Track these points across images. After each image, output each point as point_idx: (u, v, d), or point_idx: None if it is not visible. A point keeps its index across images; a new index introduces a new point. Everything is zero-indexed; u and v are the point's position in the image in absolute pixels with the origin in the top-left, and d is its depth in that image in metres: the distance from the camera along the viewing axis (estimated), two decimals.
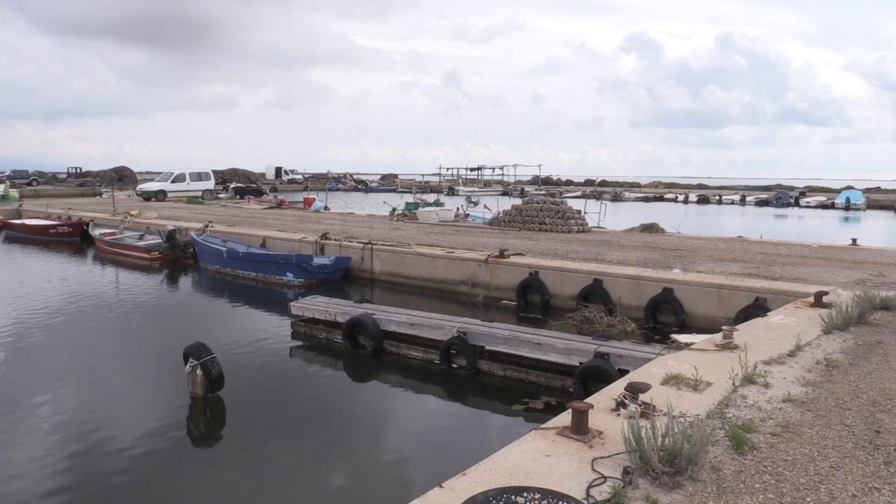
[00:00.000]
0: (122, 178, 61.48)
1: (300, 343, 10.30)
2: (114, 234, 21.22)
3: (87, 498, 5.60)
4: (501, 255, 13.40)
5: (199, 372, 7.38)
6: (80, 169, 69.62)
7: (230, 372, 7.79)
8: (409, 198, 31.07)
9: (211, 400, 7.51)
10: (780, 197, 56.15)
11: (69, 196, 42.74)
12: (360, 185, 73.12)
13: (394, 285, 14.69)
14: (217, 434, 7.19)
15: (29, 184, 55.60)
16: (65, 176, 67.35)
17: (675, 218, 27.73)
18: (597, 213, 22.51)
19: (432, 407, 8.00)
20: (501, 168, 78.35)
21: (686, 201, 58.53)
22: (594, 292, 11.64)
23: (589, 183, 76.75)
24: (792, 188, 65.63)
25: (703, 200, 58.42)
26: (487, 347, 8.61)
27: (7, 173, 64.25)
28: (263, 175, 70.18)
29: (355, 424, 7.35)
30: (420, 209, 24.64)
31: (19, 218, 27.29)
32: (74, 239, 23.28)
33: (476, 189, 62.56)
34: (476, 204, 33.68)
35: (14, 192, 37.54)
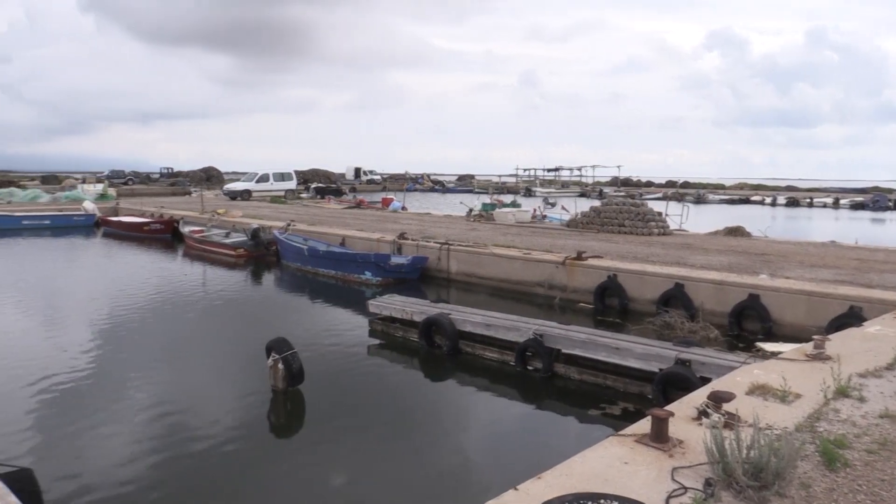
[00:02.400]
0: (210, 178, 64.10)
1: (377, 341, 10.46)
2: (202, 231, 22.12)
3: (169, 478, 5.86)
4: (579, 257, 13.21)
5: (280, 366, 7.61)
6: (172, 169, 72.97)
7: (310, 367, 7.99)
8: (486, 198, 31.03)
9: (291, 393, 7.73)
10: (878, 200, 52.91)
11: (161, 195, 44.85)
12: (438, 186, 73.63)
13: (470, 286, 14.72)
14: (296, 426, 7.40)
15: (125, 183, 58.65)
16: (157, 176, 70.70)
17: (762, 221, 26.61)
18: (679, 216, 21.83)
19: (507, 409, 7.97)
20: (579, 169, 77.11)
21: (774, 204, 56.05)
22: (675, 297, 11.31)
23: (670, 184, 74.63)
24: (890, 191, 61.94)
25: (792, 203, 55.74)
26: (564, 350, 8.50)
27: (106, 173, 67.99)
28: (343, 175, 71.61)
29: (430, 423, 7.42)
30: (497, 210, 24.59)
31: (116, 215, 28.86)
32: (166, 236, 24.41)
33: (553, 190, 61.84)
34: (553, 205, 33.30)
35: (112, 191, 39.66)
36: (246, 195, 37.71)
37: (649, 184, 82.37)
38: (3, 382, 8.16)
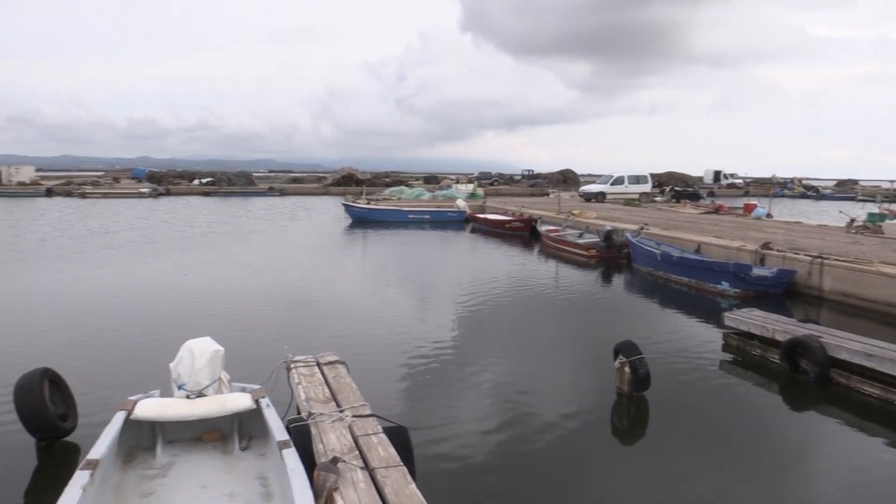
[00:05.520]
0: (566, 179, 66.62)
1: (731, 357, 9.75)
2: (557, 230, 23.10)
3: (511, 458, 6.18)
4: None
5: (626, 369, 7.56)
6: (532, 171, 77.69)
7: (656, 374, 7.80)
8: (873, 207, 26.75)
9: (636, 398, 7.63)
10: None
11: (521, 195, 48.03)
12: (810, 192, 65.72)
13: (847, 307, 12.85)
14: (638, 432, 7.27)
15: (491, 184, 64.22)
16: (519, 177, 75.88)
17: None
18: None
19: (883, 455, 6.75)
20: None
21: None
22: None
23: None
24: None
25: None
26: None
27: (475, 174, 75.27)
28: (701, 179, 68.38)
29: (784, 454, 6.64)
30: (887, 221, 21.01)
31: (483, 213, 31.69)
32: (524, 233, 26.07)
33: None
34: None
35: (480, 191, 43.74)
36: (600, 197, 38.34)
37: None
38: (384, 350, 9.57)
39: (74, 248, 20.67)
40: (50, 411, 6.07)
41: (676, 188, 47.25)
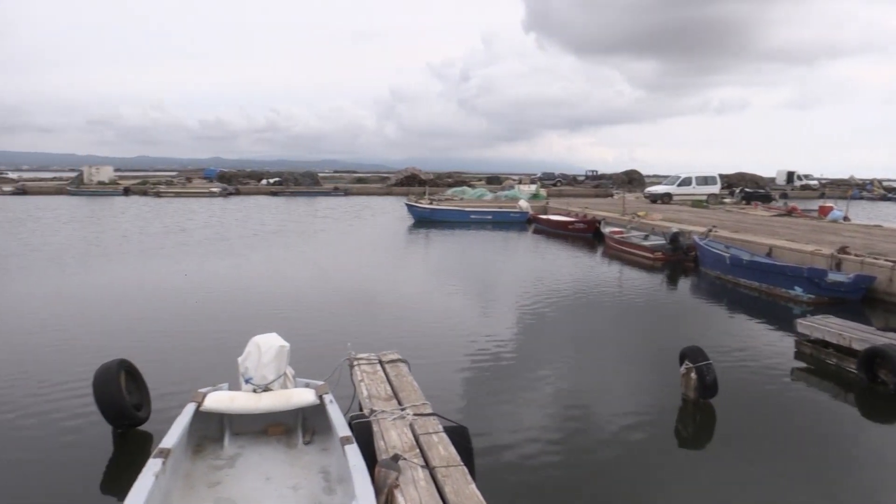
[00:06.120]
0: (631, 180, 65.39)
1: (803, 365, 9.38)
2: (621, 232, 22.72)
3: (571, 460, 6.12)
4: None
5: (693, 375, 7.37)
6: (596, 172, 76.56)
7: (723, 380, 7.57)
8: None
9: (702, 405, 7.43)
10: None
11: (585, 196, 47.47)
12: (892, 194, 62.63)
13: None
14: (703, 440, 7.07)
15: (554, 184, 63.67)
16: (583, 178, 74.95)
17: None
18: None
19: None
20: None
21: None
22: None
23: None
24: None
25: None
26: None
27: (538, 175, 74.76)
28: (773, 180, 66.13)
29: (857, 469, 6.34)
30: None
31: (545, 214, 31.45)
32: (587, 235, 25.72)
33: None
34: None
35: (543, 192, 43.42)
36: (666, 198, 37.52)
37: None
38: (445, 349, 9.59)
39: (154, 245, 21.56)
40: (126, 401, 6.34)
41: (747, 189, 45.76)
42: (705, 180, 39.99)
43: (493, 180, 68.68)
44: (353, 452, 4.61)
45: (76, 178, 59.73)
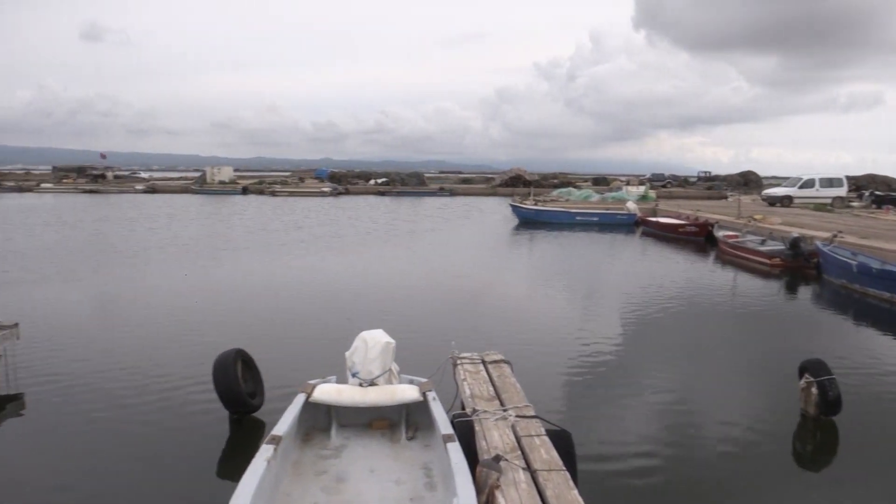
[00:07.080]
0: (747, 182, 62.30)
1: None
2: (736, 237, 21.70)
3: (673, 473, 5.87)
4: None
5: (814, 390, 6.93)
6: (709, 173, 73.40)
7: (848, 397, 7.07)
8: None
9: (823, 422, 6.97)
10: None
11: (696, 198, 45.63)
12: None
13: None
14: (823, 460, 6.62)
15: (664, 186, 61.61)
16: (695, 179, 72.07)
17: None
18: None
19: None
20: None
21: None
22: None
23: None
24: None
25: None
26: None
27: (647, 176, 72.56)
28: None
29: None
30: None
31: (654, 216, 30.51)
32: (699, 239, 24.74)
33: None
34: None
35: (652, 193, 42.11)
36: (786, 201, 35.50)
37: None
38: (549, 352, 9.50)
39: (276, 241, 22.74)
40: (242, 389, 6.71)
41: (877, 192, 42.50)
42: (830, 182, 37.43)
43: (600, 181, 67.25)
44: (456, 450, 4.65)
45: (199, 177, 63.72)
